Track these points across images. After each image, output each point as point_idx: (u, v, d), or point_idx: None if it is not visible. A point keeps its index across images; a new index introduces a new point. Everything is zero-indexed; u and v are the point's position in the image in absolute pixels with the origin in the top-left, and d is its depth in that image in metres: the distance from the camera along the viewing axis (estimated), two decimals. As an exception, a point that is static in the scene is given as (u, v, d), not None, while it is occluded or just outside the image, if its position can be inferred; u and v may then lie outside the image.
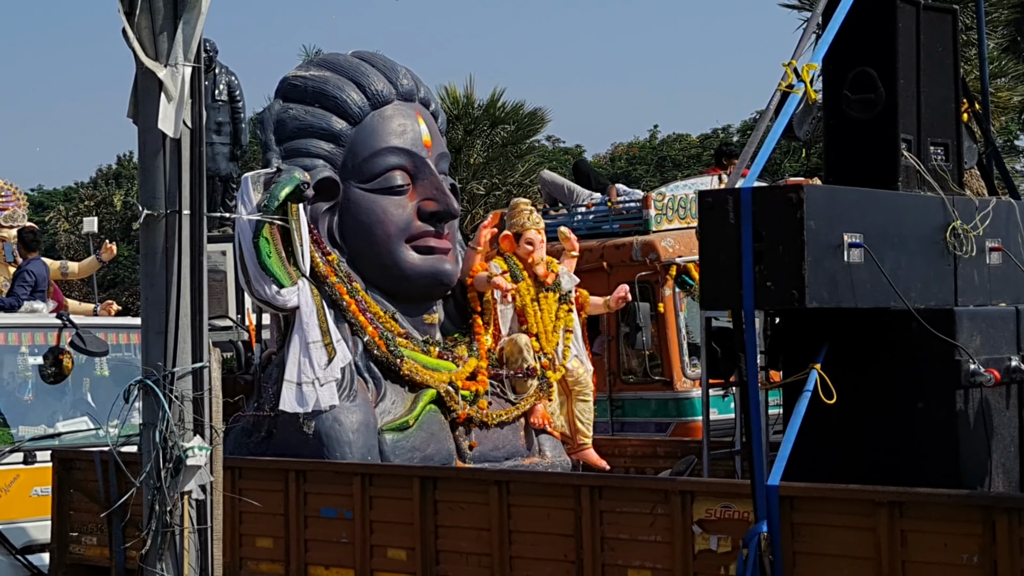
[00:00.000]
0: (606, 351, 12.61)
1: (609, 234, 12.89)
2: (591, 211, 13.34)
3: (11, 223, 13.38)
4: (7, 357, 11.39)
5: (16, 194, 13.76)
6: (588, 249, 12.64)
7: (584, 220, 13.28)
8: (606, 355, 12.59)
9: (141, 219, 5.90)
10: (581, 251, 12.44)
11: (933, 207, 7.53)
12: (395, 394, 9.46)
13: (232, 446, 9.36)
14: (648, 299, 12.16)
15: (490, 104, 25.25)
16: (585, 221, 13.27)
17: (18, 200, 13.66)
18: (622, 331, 12.42)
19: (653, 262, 12.25)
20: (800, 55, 7.14)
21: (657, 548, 7.10)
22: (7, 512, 10.59)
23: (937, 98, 7.88)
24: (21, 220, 13.56)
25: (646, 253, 12.34)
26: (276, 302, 9.14)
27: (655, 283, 12.26)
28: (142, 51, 5.71)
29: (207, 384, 5.88)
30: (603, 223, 13.08)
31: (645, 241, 12.43)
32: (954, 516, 6.22)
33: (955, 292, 7.56)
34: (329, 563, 8.45)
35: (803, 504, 6.61)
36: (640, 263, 12.33)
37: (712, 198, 6.83)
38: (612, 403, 12.51)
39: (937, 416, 7.09)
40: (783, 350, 7.54)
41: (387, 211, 9.64)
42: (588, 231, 13.03)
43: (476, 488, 7.87)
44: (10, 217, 13.39)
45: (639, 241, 12.47)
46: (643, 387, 12.41)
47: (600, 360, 12.51)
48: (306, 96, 9.77)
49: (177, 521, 5.76)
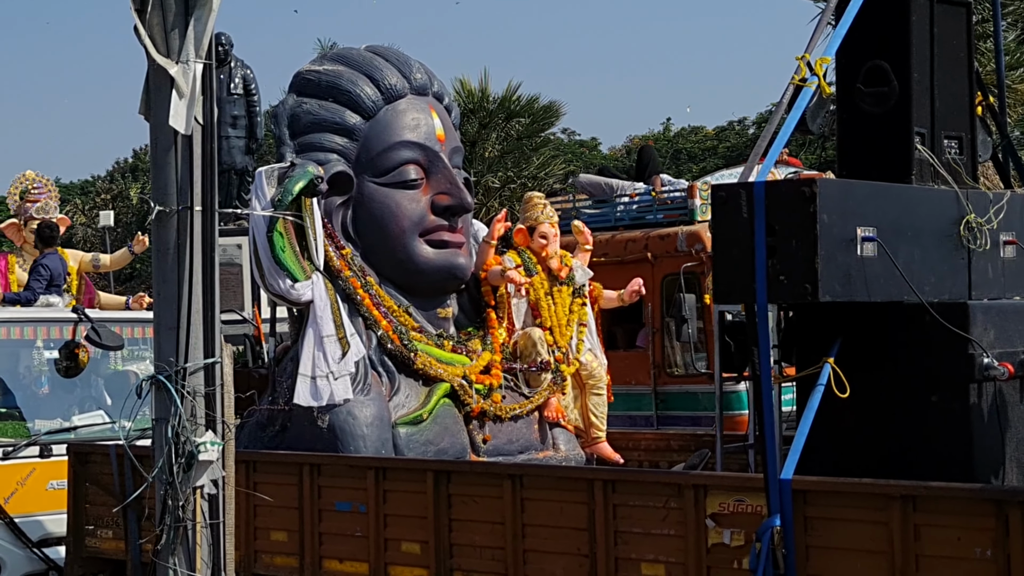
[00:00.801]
0: (650, 344, 12.42)
1: (653, 224, 12.62)
2: (635, 201, 13.15)
3: (43, 215, 13.42)
4: (23, 351, 11.43)
5: (48, 186, 13.81)
6: (632, 240, 12.52)
7: (628, 210, 13.09)
8: (650, 348, 12.39)
9: (153, 215, 5.91)
10: (624, 242, 12.29)
11: (947, 200, 7.52)
12: (409, 388, 9.47)
13: (247, 440, 9.39)
14: (694, 291, 11.87)
15: (505, 97, 25.27)
16: (629, 211, 13.07)
17: (50, 192, 13.71)
18: (667, 324, 12.26)
19: (699, 253, 11.95)
20: (813, 48, 7.13)
21: (670, 542, 7.11)
22: (23, 505, 10.62)
23: (951, 91, 7.86)
24: (53, 212, 13.60)
25: (691, 244, 12.06)
26: (290, 296, 9.16)
27: (701, 274, 11.93)
28: (153, 48, 5.73)
29: (219, 379, 5.90)
30: (647, 213, 12.88)
31: (691, 231, 12.14)
32: (967, 510, 6.22)
33: (969, 286, 7.54)
34: (343, 556, 8.47)
35: (816, 498, 6.61)
36: (685, 254, 12.06)
37: (725, 192, 6.83)
38: (657, 397, 12.31)
39: (951, 410, 7.08)
40: (796, 344, 7.54)
41: (401, 205, 9.65)
42: (632, 221, 12.87)
43: (490, 482, 7.88)
44: (42, 209, 13.43)
45: (684, 232, 12.18)
46: (688, 380, 12.17)
47: (644, 353, 12.39)
48: (320, 91, 9.78)
49: (190, 516, 5.78)
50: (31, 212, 13.44)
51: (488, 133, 25.13)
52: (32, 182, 13.65)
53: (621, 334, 13.01)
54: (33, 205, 13.48)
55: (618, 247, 12.59)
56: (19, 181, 13.82)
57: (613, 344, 13.04)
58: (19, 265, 13.27)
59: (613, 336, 13.00)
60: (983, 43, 17.19)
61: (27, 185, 13.65)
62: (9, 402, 11.28)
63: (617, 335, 13.00)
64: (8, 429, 10.94)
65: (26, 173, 13.85)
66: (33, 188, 13.56)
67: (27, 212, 13.49)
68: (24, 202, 13.60)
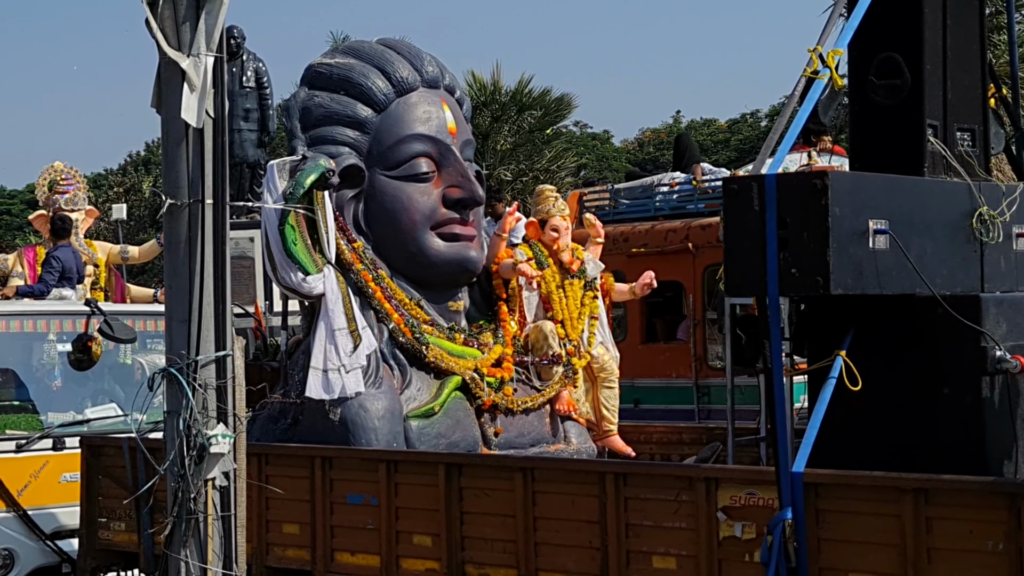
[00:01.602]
0: (691, 336, 12.33)
1: (694, 214, 12.49)
2: (675, 191, 13.04)
3: (72, 206, 13.43)
4: (36, 344, 11.46)
5: (76, 177, 13.81)
6: (672, 230, 12.43)
7: (667, 200, 13.00)
8: (691, 341, 12.28)
9: (164, 208, 5.92)
10: (665, 232, 12.17)
11: (959, 193, 7.49)
12: (420, 381, 9.48)
13: (259, 433, 9.41)
14: None
15: (517, 90, 25.25)
16: (668, 201, 12.98)
17: (78, 184, 13.71)
18: (708, 316, 12.15)
19: None
20: (826, 40, 7.11)
21: (682, 535, 7.11)
22: (37, 498, 10.66)
23: (964, 83, 7.84)
24: (82, 203, 13.60)
25: None
26: (302, 289, 9.17)
27: None
28: (165, 41, 5.74)
29: (230, 372, 5.91)
30: (688, 203, 12.77)
31: None
32: (979, 503, 6.22)
33: (981, 278, 7.52)
34: (355, 549, 8.48)
35: (828, 491, 6.60)
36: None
37: (737, 184, 6.81)
38: (698, 390, 12.18)
39: (962, 402, 7.07)
40: (808, 337, 7.52)
41: (412, 198, 9.65)
42: (672, 211, 12.76)
43: (501, 475, 7.89)
44: (71, 200, 13.44)
45: None
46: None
47: (685, 346, 12.30)
48: (331, 83, 9.78)
49: (201, 508, 5.79)
50: (60, 203, 13.44)
51: (500, 126, 25.11)
52: (60, 173, 13.64)
53: (661, 326, 12.92)
54: (62, 197, 13.49)
55: (658, 237, 12.51)
56: (47, 172, 13.79)
57: (653, 336, 12.97)
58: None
59: (653, 328, 12.92)
60: (997, 35, 17.11)
61: (55, 176, 13.63)
62: (22, 395, 11.32)
63: (657, 327, 12.92)
64: (21, 422, 10.97)
65: (54, 164, 13.82)
66: (62, 180, 13.55)
67: (55, 204, 13.47)
68: (52, 194, 13.58)
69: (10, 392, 11.29)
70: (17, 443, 10.68)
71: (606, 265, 10.53)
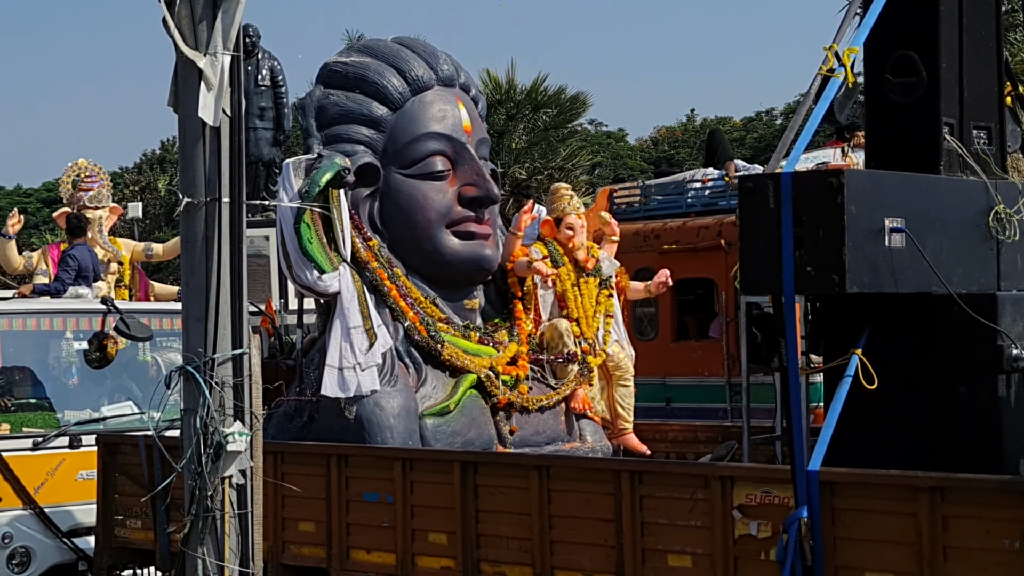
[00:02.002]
0: (724, 334, 12.29)
1: (727, 211, 12.38)
2: (707, 187, 12.99)
3: (96, 203, 13.41)
4: (52, 342, 11.49)
5: (100, 174, 13.78)
6: (704, 227, 12.36)
7: (699, 196, 12.93)
8: (724, 338, 12.22)
9: (181, 207, 5.93)
10: (696, 228, 12.10)
11: (975, 191, 7.48)
12: (436, 379, 9.48)
13: (275, 431, 9.43)
14: None
15: (532, 88, 25.24)
16: (700, 197, 12.92)
17: (102, 181, 13.69)
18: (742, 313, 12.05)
19: None
20: (841, 39, 7.10)
21: (697, 533, 7.11)
22: (53, 496, 10.69)
23: (980, 81, 7.82)
24: (106, 200, 13.58)
25: None
26: (317, 287, 9.18)
27: None
28: (182, 40, 5.75)
29: (247, 370, 5.92)
30: (720, 199, 12.68)
31: None
32: (995, 501, 6.21)
33: (998, 276, 7.50)
34: (371, 547, 8.50)
35: (844, 489, 6.60)
36: None
37: (752, 183, 6.81)
38: (731, 388, 12.05)
39: (979, 401, 7.05)
40: (824, 335, 7.51)
41: (427, 196, 9.65)
42: (704, 207, 12.71)
43: (516, 473, 7.90)
44: (95, 197, 13.42)
45: None
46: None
47: (717, 344, 12.26)
48: (347, 82, 9.80)
49: (218, 506, 5.80)
50: (84, 201, 13.41)
51: (515, 124, 25.10)
52: (84, 171, 13.62)
53: (693, 324, 12.87)
54: (86, 194, 13.46)
55: (690, 234, 12.46)
56: (71, 170, 13.74)
57: (684, 334, 12.91)
58: None
59: (684, 326, 12.87)
60: (1013, 33, 17.08)
61: (80, 174, 13.60)
62: (39, 393, 11.35)
63: (689, 325, 12.87)
64: (38, 420, 11.00)
65: (78, 162, 13.79)
66: (86, 177, 13.53)
67: (80, 201, 13.44)
68: (77, 191, 13.54)
69: (27, 390, 11.32)
70: (34, 441, 10.71)
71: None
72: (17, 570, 10.54)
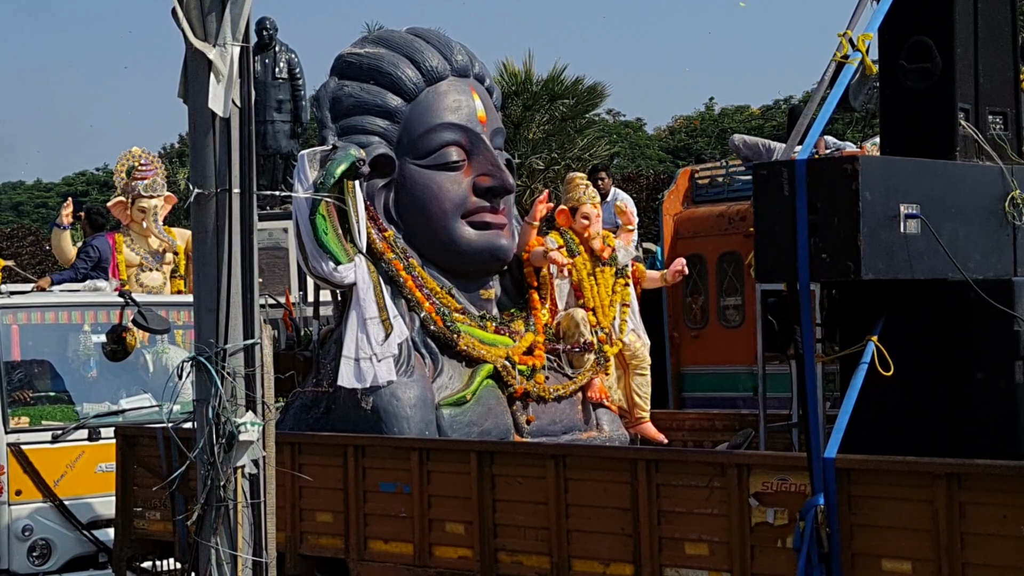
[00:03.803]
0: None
1: None
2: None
3: (151, 192, 13.34)
4: (71, 335, 11.53)
5: (154, 163, 13.67)
6: None
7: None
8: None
9: (192, 198, 5.95)
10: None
11: (991, 177, 7.44)
12: (452, 369, 9.49)
13: (292, 421, 9.45)
14: None
15: (550, 79, 25.21)
16: None
17: (156, 169, 13.58)
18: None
19: None
20: (856, 25, 7.08)
21: (714, 521, 7.11)
22: (73, 488, 10.74)
23: (995, 66, 7.78)
24: (161, 189, 13.47)
25: None
26: (333, 279, 9.18)
27: None
28: (191, 31, 5.76)
29: (259, 360, 5.93)
30: None
31: None
32: (1013, 488, 6.19)
33: (1014, 262, 7.47)
34: (388, 537, 8.51)
35: (860, 476, 6.59)
36: None
37: (767, 170, 6.79)
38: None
39: (996, 387, 7.02)
40: (840, 322, 7.50)
41: (442, 187, 9.65)
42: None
43: (533, 462, 7.90)
44: (150, 186, 13.33)
45: None
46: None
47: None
48: (361, 73, 9.80)
49: (231, 496, 5.82)
50: (139, 190, 13.30)
51: (532, 115, 25.08)
52: (138, 159, 13.50)
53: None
54: (141, 183, 13.35)
55: None
56: (125, 159, 13.57)
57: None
58: (127, 245, 13.17)
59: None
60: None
61: (134, 163, 13.48)
62: (58, 386, 11.40)
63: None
64: (57, 413, 11.05)
65: (132, 150, 13.66)
66: (140, 165, 13.42)
67: (134, 190, 13.32)
68: (131, 180, 13.39)
69: (46, 383, 11.38)
70: (53, 434, 10.76)
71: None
72: (38, 562, 10.60)
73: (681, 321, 13.69)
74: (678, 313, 13.64)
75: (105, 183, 47.42)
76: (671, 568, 7.28)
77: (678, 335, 13.48)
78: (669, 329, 13.57)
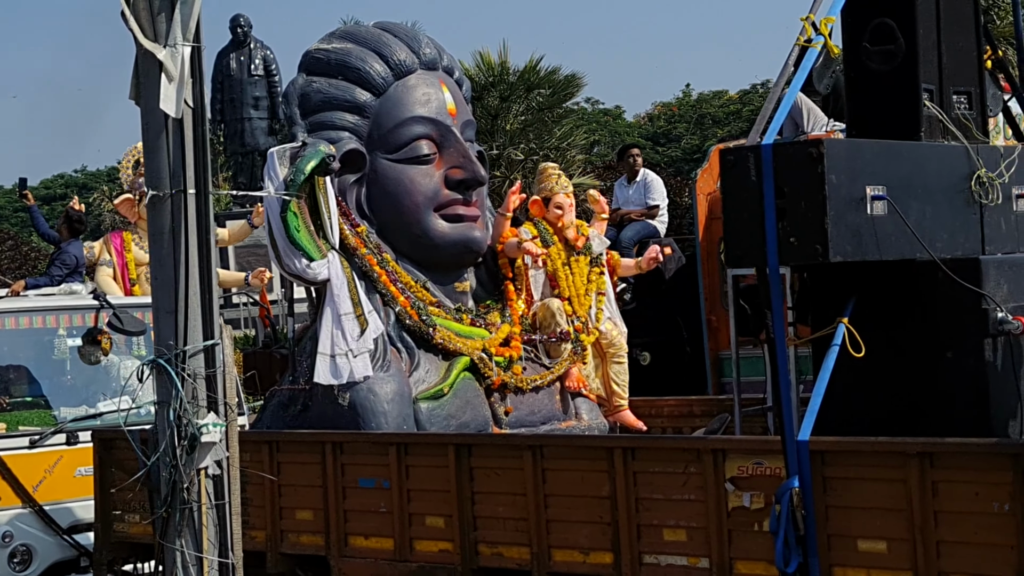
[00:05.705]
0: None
1: None
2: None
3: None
4: (46, 339, 11.48)
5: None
6: None
7: None
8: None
9: (147, 199, 5.95)
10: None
11: (957, 156, 7.46)
12: (429, 363, 9.49)
13: (269, 420, 9.45)
14: None
15: (526, 69, 25.16)
16: None
17: None
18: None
19: None
20: (818, 8, 7.09)
21: (691, 507, 7.13)
22: (52, 493, 10.68)
23: (959, 46, 7.79)
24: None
25: None
26: (306, 275, 9.17)
27: None
28: (140, 32, 5.75)
29: (220, 361, 5.93)
30: None
31: None
32: (984, 465, 6.23)
33: (982, 241, 7.49)
34: (368, 533, 8.51)
35: (834, 458, 6.62)
36: None
37: (733, 155, 6.80)
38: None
39: (966, 365, 7.05)
40: (811, 305, 7.51)
41: (414, 181, 9.65)
42: None
43: (510, 453, 7.91)
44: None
45: None
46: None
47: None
48: (329, 69, 9.78)
49: (195, 497, 5.82)
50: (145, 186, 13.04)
51: (509, 106, 25.02)
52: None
53: None
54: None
55: None
56: (131, 154, 13.21)
57: None
58: (135, 243, 12.98)
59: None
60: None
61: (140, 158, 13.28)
62: (35, 391, 11.36)
63: None
64: (34, 418, 11.01)
65: (137, 145, 13.45)
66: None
67: (141, 186, 13.02)
68: (138, 176, 13.15)
69: (22, 388, 11.33)
70: (31, 439, 10.71)
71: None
72: (19, 568, 10.55)
73: (718, 304, 13.61)
74: (715, 296, 13.57)
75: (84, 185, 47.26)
76: (650, 555, 7.30)
77: (715, 318, 13.39)
78: (706, 313, 13.50)
